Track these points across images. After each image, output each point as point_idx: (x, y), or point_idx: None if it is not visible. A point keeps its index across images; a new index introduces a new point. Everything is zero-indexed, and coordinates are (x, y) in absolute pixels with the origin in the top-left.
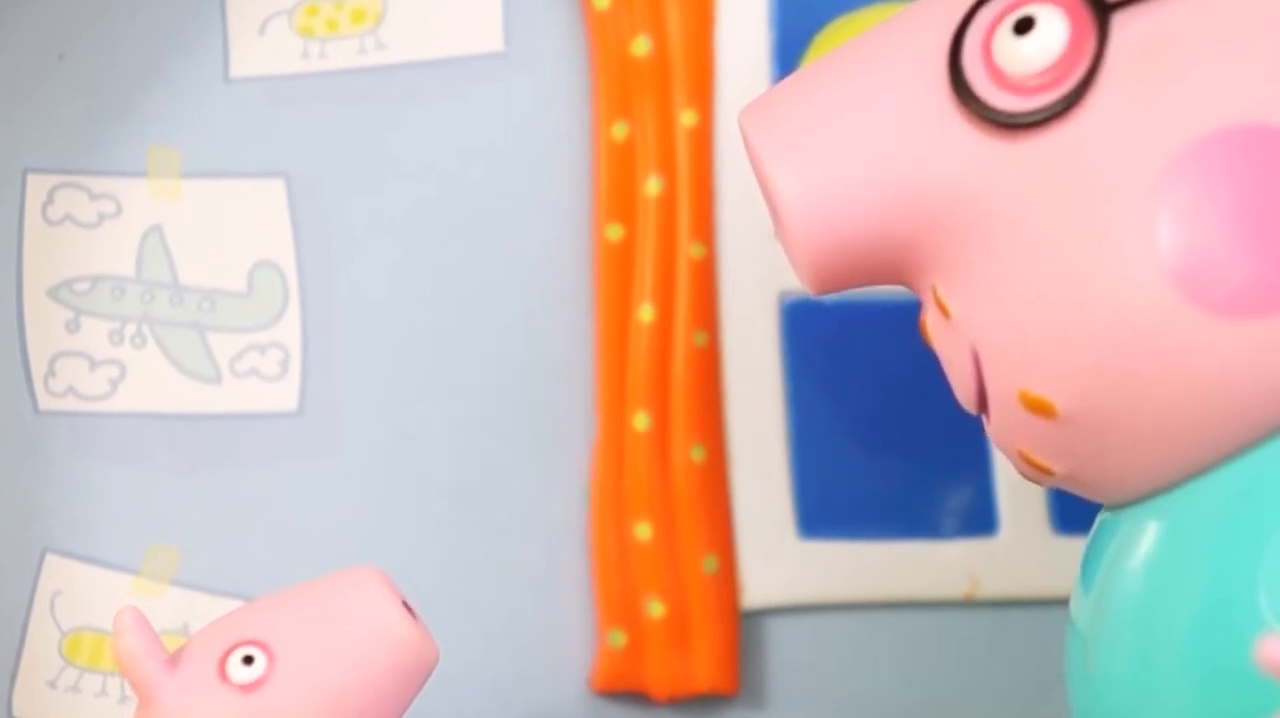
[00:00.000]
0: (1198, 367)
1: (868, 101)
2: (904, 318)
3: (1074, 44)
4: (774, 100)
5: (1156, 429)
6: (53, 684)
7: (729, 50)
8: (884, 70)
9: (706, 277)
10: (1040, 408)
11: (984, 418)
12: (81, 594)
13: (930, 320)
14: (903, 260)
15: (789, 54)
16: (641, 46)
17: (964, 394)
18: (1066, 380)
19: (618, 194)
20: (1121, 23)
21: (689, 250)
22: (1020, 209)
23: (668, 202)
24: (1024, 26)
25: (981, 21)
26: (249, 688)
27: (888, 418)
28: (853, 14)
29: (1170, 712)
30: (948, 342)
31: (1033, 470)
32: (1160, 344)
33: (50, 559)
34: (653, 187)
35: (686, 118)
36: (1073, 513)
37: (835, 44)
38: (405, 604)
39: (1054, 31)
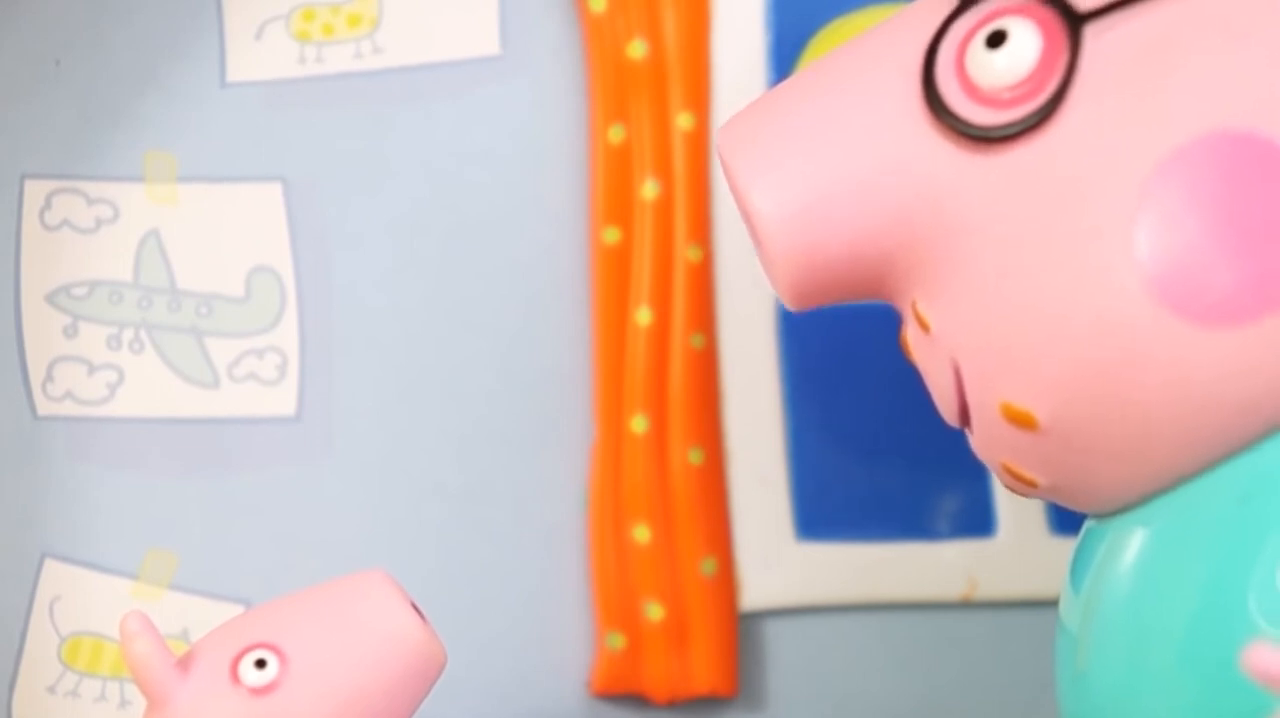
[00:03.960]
0: (1179, 376)
1: (842, 117)
2: (901, 320)
3: (1047, 57)
4: (749, 118)
5: (1139, 439)
6: (52, 690)
7: (725, 53)
8: (858, 86)
9: (704, 279)
10: (1022, 420)
11: (967, 431)
12: (80, 599)
13: (910, 335)
14: (881, 276)
15: (785, 57)
16: (638, 50)
17: (946, 408)
18: (1047, 392)
19: (614, 197)
20: (1094, 34)
21: (686, 253)
22: (997, 222)
23: (664, 204)
24: (996, 40)
25: (955, 35)
26: (262, 691)
27: (885, 420)
28: (849, 16)
29: (1159, 715)
30: (928, 356)
31: (1016, 482)
32: (1141, 354)
33: (49, 564)
34: (649, 190)
35: (683, 121)
36: (1070, 514)
37: (831, 46)
38: (414, 607)
39: (1026, 44)
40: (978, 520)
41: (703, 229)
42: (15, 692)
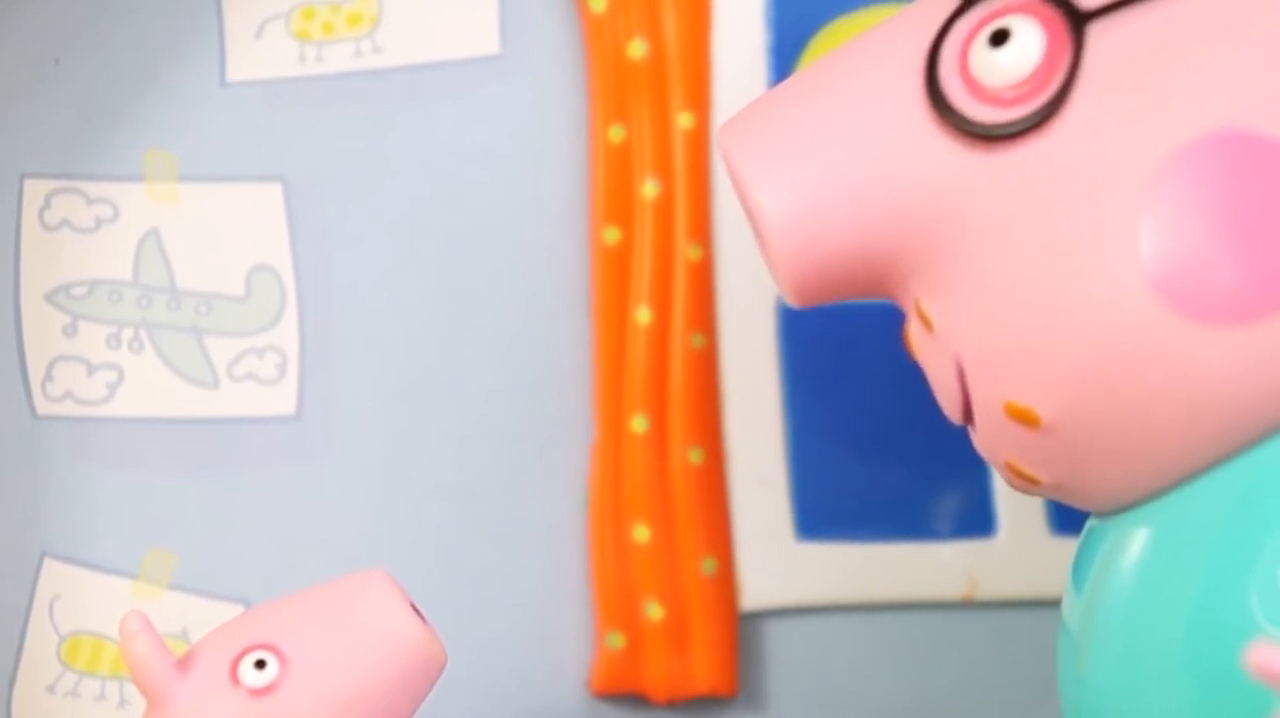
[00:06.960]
0: (1181, 375)
1: (846, 115)
2: (901, 319)
3: (1050, 55)
4: (753, 116)
5: (1141, 438)
6: (51, 689)
7: (725, 52)
8: (861, 84)
9: (704, 279)
10: (1025, 418)
11: (970, 429)
12: (80, 599)
13: (914, 333)
14: (885, 273)
15: (785, 56)
16: (638, 49)
17: (949, 406)
18: (1050, 391)
19: (615, 197)
20: (1098, 33)
21: (686, 253)
22: (1000, 220)
23: (665, 204)
24: (1000, 38)
25: (958, 34)
26: (262, 692)
27: (885, 419)
28: (849, 16)
29: (1161, 714)
30: (931, 354)
31: (1019, 480)
32: (1143, 353)
33: (48, 564)
34: (650, 189)
35: (683, 120)
36: (1070, 514)
37: (832, 46)
38: (414, 607)
39: (1030, 43)
40: (978, 520)
41: (703, 228)
42: (15, 691)
